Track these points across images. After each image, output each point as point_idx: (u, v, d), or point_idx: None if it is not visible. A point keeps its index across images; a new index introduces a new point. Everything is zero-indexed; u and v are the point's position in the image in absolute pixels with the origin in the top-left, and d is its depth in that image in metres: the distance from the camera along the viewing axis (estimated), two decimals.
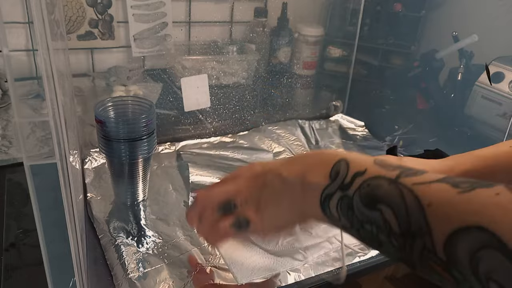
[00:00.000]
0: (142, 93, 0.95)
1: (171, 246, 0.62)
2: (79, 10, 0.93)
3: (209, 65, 1.01)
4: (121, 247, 0.60)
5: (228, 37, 1.14)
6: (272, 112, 1.05)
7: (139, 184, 0.69)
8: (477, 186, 0.29)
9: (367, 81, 1.20)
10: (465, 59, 0.96)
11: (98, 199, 0.71)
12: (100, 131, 0.63)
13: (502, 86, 0.88)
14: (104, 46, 0.99)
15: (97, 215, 0.67)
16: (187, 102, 0.88)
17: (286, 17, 1.12)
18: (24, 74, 0.94)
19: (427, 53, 1.05)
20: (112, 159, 0.66)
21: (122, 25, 0.99)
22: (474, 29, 0.93)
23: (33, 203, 0.36)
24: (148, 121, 0.63)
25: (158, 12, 0.99)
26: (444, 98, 1.03)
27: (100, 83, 0.98)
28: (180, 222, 0.67)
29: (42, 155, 0.78)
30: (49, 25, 0.35)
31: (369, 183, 0.34)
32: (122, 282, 0.55)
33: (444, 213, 0.28)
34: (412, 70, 1.08)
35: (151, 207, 0.71)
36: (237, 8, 1.11)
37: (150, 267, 0.58)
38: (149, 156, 0.68)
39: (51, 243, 0.38)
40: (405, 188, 0.31)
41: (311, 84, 1.20)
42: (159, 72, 1.06)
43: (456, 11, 1.04)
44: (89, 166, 0.78)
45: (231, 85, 1.05)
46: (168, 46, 1.02)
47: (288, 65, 1.16)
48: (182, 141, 0.90)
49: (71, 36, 0.95)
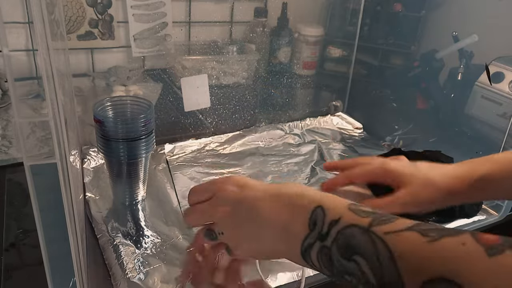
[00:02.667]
0: (142, 93, 0.95)
1: (169, 246, 0.62)
2: (79, 10, 0.93)
3: (209, 65, 1.01)
4: (119, 247, 0.60)
5: (228, 37, 1.14)
6: (272, 112, 1.05)
7: (137, 184, 0.69)
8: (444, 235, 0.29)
9: (367, 81, 1.20)
10: (465, 59, 0.96)
11: (97, 198, 0.71)
12: (99, 131, 0.63)
13: (502, 86, 0.88)
14: (104, 46, 0.99)
15: (96, 215, 0.67)
16: (187, 102, 0.88)
17: (286, 17, 1.12)
18: (24, 74, 0.94)
19: (427, 53, 1.05)
20: (111, 159, 0.66)
21: (122, 25, 0.99)
22: (474, 29, 0.92)
23: (33, 203, 0.36)
24: (146, 121, 0.63)
25: (158, 12, 0.99)
26: (444, 98, 1.03)
27: (100, 83, 0.98)
28: (179, 222, 0.67)
29: (42, 155, 0.78)
30: (49, 25, 0.35)
31: (344, 233, 0.34)
32: (121, 282, 0.55)
33: (414, 264, 0.29)
34: (412, 70, 1.08)
35: (149, 207, 0.71)
36: (237, 8, 1.11)
37: (148, 267, 0.58)
38: (148, 156, 0.68)
39: (51, 243, 0.38)
40: (377, 238, 0.32)
41: (311, 84, 1.20)
42: (159, 72, 1.06)
43: (456, 11, 1.04)
44: (88, 166, 0.78)
45: (231, 85, 1.05)
46: (168, 46, 1.02)
47: (288, 65, 1.16)
48: (182, 141, 0.90)
49: (71, 36, 0.95)
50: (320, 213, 0.37)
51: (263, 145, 0.94)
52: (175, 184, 0.77)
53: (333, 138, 1.00)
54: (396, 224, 0.32)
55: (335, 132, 1.04)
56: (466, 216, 0.75)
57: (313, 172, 0.85)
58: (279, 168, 0.85)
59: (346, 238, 0.33)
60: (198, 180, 0.79)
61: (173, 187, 0.76)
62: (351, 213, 0.35)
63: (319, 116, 1.08)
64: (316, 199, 0.38)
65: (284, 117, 1.05)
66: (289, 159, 0.89)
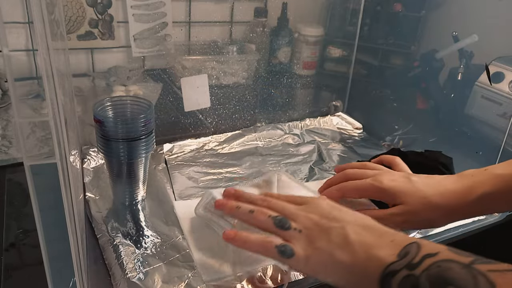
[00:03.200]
0: (142, 93, 0.95)
1: (169, 246, 0.62)
2: (79, 10, 0.93)
3: (209, 65, 1.01)
4: (119, 247, 0.60)
5: (228, 37, 1.14)
6: (272, 112, 1.05)
7: (137, 184, 0.70)
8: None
9: (367, 81, 1.20)
10: (465, 59, 0.96)
11: (97, 198, 0.71)
12: (99, 131, 0.63)
13: (502, 86, 0.88)
14: (104, 46, 0.99)
15: (96, 215, 0.67)
16: (187, 102, 0.88)
17: (286, 17, 1.12)
18: (24, 74, 0.94)
19: (427, 53, 1.05)
20: (111, 159, 0.66)
21: (122, 25, 0.99)
22: (474, 29, 0.92)
23: (33, 203, 0.36)
24: (146, 121, 0.64)
25: (158, 12, 0.99)
26: (444, 98, 1.03)
27: (100, 83, 0.98)
28: (179, 222, 0.67)
29: (42, 155, 0.78)
30: (49, 25, 0.35)
31: (440, 265, 0.34)
32: (120, 282, 0.55)
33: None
34: (412, 70, 1.08)
35: (149, 207, 0.71)
36: (237, 8, 1.11)
37: (148, 267, 0.58)
38: (148, 156, 0.68)
39: (51, 243, 0.38)
40: (479, 274, 0.32)
41: (311, 84, 1.20)
42: (159, 72, 1.06)
43: (456, 11, 1.04)
44: (88, 166, 0.78)
45: (231, 85, 1.05)
46: (168, 46, 1.02)
47: (288, 65, 1.16)
48: (182, 141, 0.90)
49: (71, 36, 0.95)
50: (415, 246, 0.38)
51: (262, 145, 0.94)
52: (173, 184, 0.77)
53: (332, 138, 1.00)
54: (500, 265, 0.33)
55: (335, 132, 1.04)
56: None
57: (311, 172, 0.85)
58: (277, 168, 0.85)
59: (441, 270, 0.34)
60: (196, 180, 0.79)
61: (172, 187, 0.76)
62: (450, 252, 0.36)
63: (319, 116, 1.08)
64: (414, 238, 0.39)
65: (284, 117, 1.05)
66: (288, 159, 0.89)
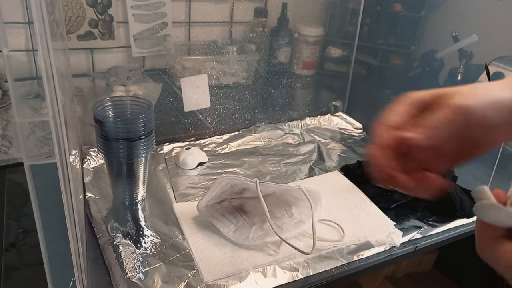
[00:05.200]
0: (142, 93, 0.95)
1: (169, 246, 0.62)
2: (79, 10, 0.93)
3: (209, 65, 1.01)
4: (119, 247, 0.60)
5: (228, 37, 1.14)
6: (272, 112, 1.05)
7: (137, 184, 0.70)
8: None
9: (367, 81, 1.20)
10: (465, 59, 0.96)
11: (97, 198, 0.71)
12: (99, 131, 0.63)
13: None
14: (104, 46, 0.99)
15: (96, 215, 0.67)
16: (187, 102, 0.88)
17: (286, 17, 1.12)
18: (24, 74, 0.94)
19: (427, 53, 1.05)
20: (111, 158, 0.66)
21: (122, 25, 0.99)
22: (474, 29, 0.93)
23: (33, 203, 0.36)
24: (146, 121, 0.64)
25: (158, 12, 0.99)
26: None
27: (100, 83, 0.98)
28: (179, 222, 0.67)
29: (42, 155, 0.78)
30: (49, 25, 0.35)
31: None
32: (120, 282, 0.55)
33: None
34: (412, 70, 1.08)
35: (149, 207, 0.71)
36: (237, 8, 1.11)
37: (148, 267, 0.58)
38: (147, 156, 0.68)
39: (51, 243, 0.38)
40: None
41: (311, 84, 1.21)
42: (159, 72, 1.06)
43: (456, 11, 1.04)
44: (88, 166, 0.78)
45: (231, 85, 1.05)
46: (168, 46, 1.03)
47: (288, 65, 1.16)
48: (181, 141, 0.90)
49: (71, 36, 0.95)
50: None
51: (262, 145, 0.94)
52: (173, 184, 0.77)
53: (332, 138, 1.00)
54: None
55: (335, 132, 1.04)
56: (466, 216, 0.75)
57: (311, 172, 0.85)
58: (277, 168, 0.85)
59: None
60: (196, 181, 0.79)
61: (172, 187, 0.76)
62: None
63: (319, 116, 1.08)
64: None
65: (284, 117, 1.05)
66: (288, 159, 0.89)
